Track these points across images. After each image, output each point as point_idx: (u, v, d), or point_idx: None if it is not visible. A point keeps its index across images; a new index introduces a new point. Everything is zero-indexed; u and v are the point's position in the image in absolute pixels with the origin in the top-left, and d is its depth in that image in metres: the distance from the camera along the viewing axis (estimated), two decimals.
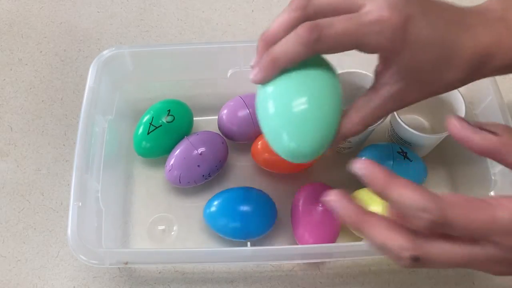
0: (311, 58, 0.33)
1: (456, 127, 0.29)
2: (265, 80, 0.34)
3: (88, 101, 0.48)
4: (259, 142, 0.51)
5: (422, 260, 0.27)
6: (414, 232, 0.27)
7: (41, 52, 0.63)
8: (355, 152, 0.53)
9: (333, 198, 0.29)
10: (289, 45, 0.32)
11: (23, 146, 0.56)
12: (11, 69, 0.61)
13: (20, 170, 0.54)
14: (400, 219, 0.28)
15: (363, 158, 0.32)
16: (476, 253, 0.27)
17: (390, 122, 0.52)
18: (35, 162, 0.55)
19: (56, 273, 0.49)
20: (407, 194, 0.26)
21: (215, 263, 0.48)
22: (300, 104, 0.33)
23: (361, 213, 0.28)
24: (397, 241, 0.27)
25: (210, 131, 0.53)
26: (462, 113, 0.48)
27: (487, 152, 0.28)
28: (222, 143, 0.52)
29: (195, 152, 0.50)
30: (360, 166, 0.29)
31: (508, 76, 0.60)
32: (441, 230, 0.27)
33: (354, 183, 0.51)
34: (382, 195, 0.28)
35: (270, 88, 0.34)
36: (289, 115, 0.33)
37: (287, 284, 0.48)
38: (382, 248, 0.28)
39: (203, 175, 0.50)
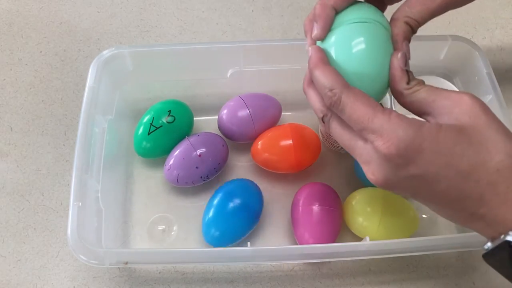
0: (360, 9, 0.35)
1: (395, 58, 0.34)
2: (323, 30, 0.35)
3: (88, 101, 0.48)
4: (259, 142, 0.51)
5: (326, 126, 0.35)
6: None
7: (41, 52, 0.63)
8: (352, 157, 0.53)
9: (310, 54, 0.35)
10: None
11: (23, 146, 0.56)
12: (11, 69, 0.61)
13: (20, 170, 0.54)
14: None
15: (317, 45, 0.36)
16: (355, 145, 0.33)
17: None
18: (35, 162, 0.55)
19: (56, 273, 0.49)
20: (324, 75, 0.33)
21: (215, 263, 0.48)
22: (357, 45, 0.34)
23: (308, 81, 0.36)
24: (315, 102, 0.35)
25: (211, 133, 0.53)
26: None
27: (393, 91, 0.34)
28: (223, 145, 0.52)
29: (194, 153, 0.50)
30: (309, 48, 0.35)
31: (508, 76, 0.60)
32: (336, 111, 0.33)
33: (353, 183, 0.52)
34: (310, 72, 0.34)
35: (329, 40, 0.35)
36: (349, 59, 0.34)
37: (287, 284, 0.48)
38: (312, 104, 0.36)
39: (201, 177, 0.50)
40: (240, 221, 0.48)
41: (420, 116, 0.33)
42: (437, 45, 0.51)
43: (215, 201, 0.48)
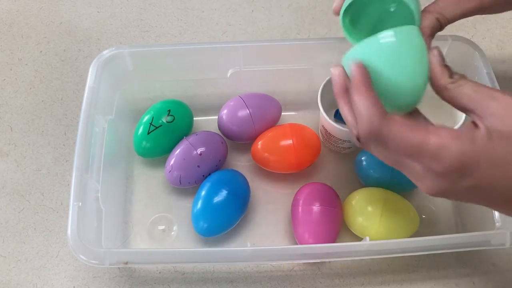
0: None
1: (432, 55, 0.34)
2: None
3: (88, 101, 0.48)
4: (259, 142, 0.51)
5: (363, 146, 0.34)
6: None
7: (41, 52, 0.63)
8: (355, 152, 0.53)
9: (334, 69, 0.35)
10: None
11: (23, 146, 0.56)
12: (11, 69, 0.61)
13: (20, 170, 0.54)
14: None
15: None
16: (404, 164, 0.32)
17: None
18: (35, 162, 0.55)
19: (56, 273, 0.49)
20: (363, 101, 0.32)
21: (215, 263, 0.48)
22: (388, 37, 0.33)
23: (343, 89, 0.34)
24: (350, 120, 0.34)
25: (209, 131, 0.53)
26: (462, 114, 0.48)
27: (435, 86, 0.34)
28: (222, 142, 0.52)
29: (195, 152, 0.50)
30: (352, 64, 0.33)
31: (507, 76, 0.60)
32: (376, 141, 0.32)
33: (353, 183, 0.52)
34: (351, 91, 0.33)
35: (364, 48, 0.35)
36: (388, 66, 0.34)
37: (287, 284, 0.48)
38: (344, 118, 0.35)
39: (203, 175, 0.50)
40: (228, 209, 0.48)
41: (463, 111, 0.33)
42: (437, 45, 0.51)
43: (202, 192, 0.48)
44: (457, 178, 0.31)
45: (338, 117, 0.55)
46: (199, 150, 0.50)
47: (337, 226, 0.48)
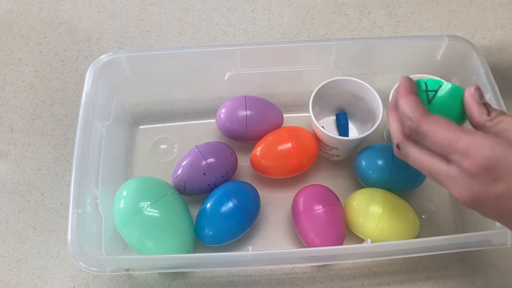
0: None
1: (469, 93, 0.36)
2: None
3: (85, 107, 0.47)
4: (258, 148, 0.51)
5: (402, 152, 0.36)
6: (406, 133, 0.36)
7: (41, 52, 0.63)
8: (349, 159, 0.52)
9: (399, 85, 0.37)
10: None
11: (23, 146, 0.56)
12: (11, 69, 0.61)
13: (20, 170, 0.54)
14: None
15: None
16: (439, 168, 0.33)
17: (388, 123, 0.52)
18: (35, 162, 0.55)
19: (56, 273, 0.49)
20: (406, 104, 0.35)
21: (216, 269, 0.47)
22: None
23: (393, 106, 0.38)
24: (394, 128, 0.37)
25: (220, 142, 0.52)
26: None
27: (474, 124, 0.36)
28: (231, 154, 0.51)
29: (203, 162, 0.49)
30: (401, 79, 0.37)
31: (506, 75, 0.60)
32: (417, 138, 0.35)
33: (353, 184, 0.52)
34: (396, 99, 0.37)
35: None
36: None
37: (287, 284, 0.48)
38: (391, 129, 0.38)
39: (209, 185, 0.49)
40: (235, 222, 0.47)
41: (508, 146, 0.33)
42: (434, 44, 0.51)
43: (210, 201, 0.48)
44: (489, 181, 0.30)
45: (339, 120, 0.55)
46: (208, 160, 0.49)
47: (342, 227, 0.47)
